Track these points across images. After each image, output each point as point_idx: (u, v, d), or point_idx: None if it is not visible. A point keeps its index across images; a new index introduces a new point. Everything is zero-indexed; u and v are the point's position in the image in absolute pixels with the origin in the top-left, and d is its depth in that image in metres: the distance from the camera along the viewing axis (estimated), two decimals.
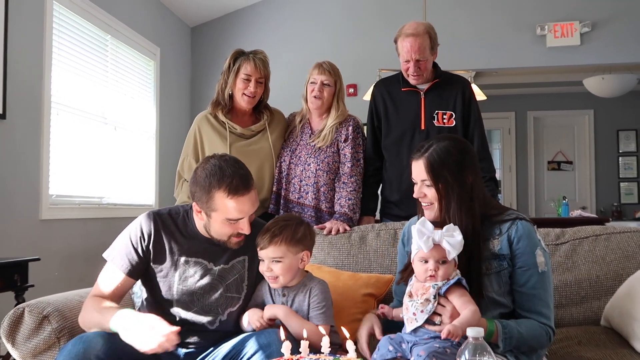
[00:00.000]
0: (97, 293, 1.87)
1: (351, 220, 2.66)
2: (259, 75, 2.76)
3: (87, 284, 2.68)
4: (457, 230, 1.60)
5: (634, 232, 2.42)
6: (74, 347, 1.65)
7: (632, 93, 7.50)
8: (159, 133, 5.31)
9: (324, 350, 1.34)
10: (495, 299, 1.72)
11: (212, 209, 1.81)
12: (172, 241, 1.90)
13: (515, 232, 1.74)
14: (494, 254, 1.73)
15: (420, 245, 1.59)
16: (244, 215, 1.82)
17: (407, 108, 2.84)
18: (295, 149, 2.83)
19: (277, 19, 5.99)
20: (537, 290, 1.72)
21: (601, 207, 8.43)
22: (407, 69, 2.77)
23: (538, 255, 1.73)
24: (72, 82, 4.01)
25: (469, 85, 2.89)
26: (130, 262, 1.87)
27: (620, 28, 5.51)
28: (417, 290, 1.63)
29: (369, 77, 5.00)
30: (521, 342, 1.65)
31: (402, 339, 1.66)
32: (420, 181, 1.77)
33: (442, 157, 1.73)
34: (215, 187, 1.78)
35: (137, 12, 5.03)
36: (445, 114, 2.80)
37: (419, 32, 2.71)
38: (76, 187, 4.07)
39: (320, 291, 1.88)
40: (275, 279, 1.86)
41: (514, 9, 5.66)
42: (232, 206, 1.78)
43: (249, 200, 1.81)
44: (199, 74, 6.08)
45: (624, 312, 2.05)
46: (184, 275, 1.89)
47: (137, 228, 1.90)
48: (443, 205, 1.73)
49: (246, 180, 1.82)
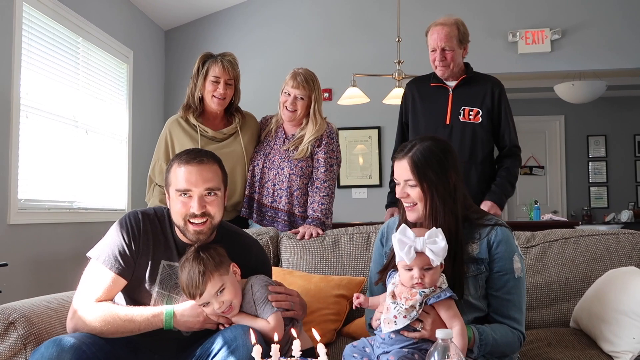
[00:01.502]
0: (93, 298, 1.79)
1: (324, 224, 2.66)
2: (228, 76, 2.75)
3: (56, 289, 2.63)
4: (440, 235, 1.56)
5: (602, 235, 2.47)
6: (47, 350, 1.62)
7: (601, 99, 7.64)
8: (132, 137, 5.24)
9: (295, 354, 1.33)
10: (472, 303, 1.73)
11: (168, 184, 1.84)
12: (155, 244, 1.88)
13: (495, 237, 1.75)
14: (472, 258, 1.74)
15: (402, 257, 1.56)
16: (191, 187, 1.79)
17: (434, 103, 2.89)
18: (269, 152, 2.82)
19: (252, 23, 5.98)
20: (512, 295, 1.74)
21: (572, 211, 8.57)
22: (434, 59, 2.83)
23: (515, 261, 1.74)
24: (42, 84, 3.94)
25: (500, 84, 2.93)
26: (123, 262, 1.83)
27: (589, 36, 5.61)
28: (401, 293, 1.59)
29: (344, 81, 5.01)
30: (495, 348, 1.66)
31: (365, 344, 1.65)
32: (403, 181, 1.76)
33: (426, 157, 1.73)
34: (175, 161, 1.85)
35: (110, 14, 4.97)
36: (472, 110, 2.83)
37: (447, 22, 2.81)
38: (46, 192, 4.00)
39: (260, 286, 1.83)
40: (229, 309, 1.78)
41: (486, 15, 5.73)
42: (180, 175, 1.80)
43: (198, 171, 1.80)
44: (173, 77, 6.03)
45: (592, 313, 2.08)
46: (164, 280, 1.87)
47: (125, 228, 1.86)
48: (427, 205, 1.72)
49: (203, 155, 1.84)
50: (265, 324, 1.76)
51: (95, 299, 1.79)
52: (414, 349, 1.56)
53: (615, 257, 2.37)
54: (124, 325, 1.76)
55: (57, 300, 2.04)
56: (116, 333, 1.77)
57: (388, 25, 5.27)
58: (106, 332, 1.77)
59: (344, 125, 5.75)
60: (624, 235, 2.44)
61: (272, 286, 1.86)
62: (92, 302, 1.79)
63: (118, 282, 1.83)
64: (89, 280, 1.83)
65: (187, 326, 1.80)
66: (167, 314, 1.78)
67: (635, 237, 2.42)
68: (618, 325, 1.92)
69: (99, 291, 1.80)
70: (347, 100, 4.87)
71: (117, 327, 1.76)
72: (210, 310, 1.78)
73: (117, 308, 1.79)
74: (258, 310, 1.81)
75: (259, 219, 2.80)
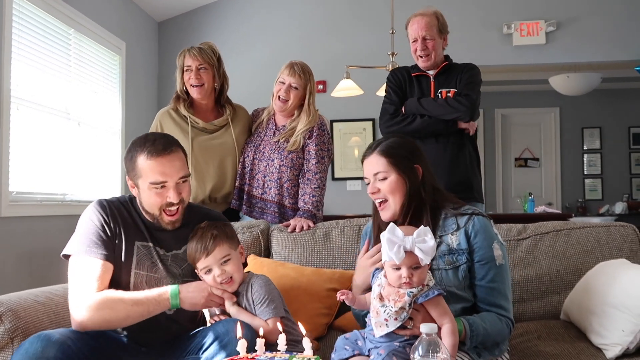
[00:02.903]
0: (91, 290, 1.77)
1: (315, 216, 2.65)
2: (198, 62, 2.76)
3: (48, 282, 2.62)
4: (429, 234, 1.55)
5: (593, 227, 2.46)
6: (32, 346, 1.60)
7: (596, 91, 7.64)
8: (125, 129, 5.22)
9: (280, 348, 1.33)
10: (457, 294, 1.73)
11: (137, 176, 1.81)
12: (126, 227, 1.87)
13: (472, 227, 1.77)
14: (452, 249, 1.75)
15: (391, 256, 1.54)
16: (166, 179, 1.79)
17: (418, 90, 2.95)
18: (259, 144, 2.81)
19: (246, 14, 5.95)
20: (496, 283, 1.75)
21: (566, 203, 8.58)
22: (415, 49, 2.90)
23: (495, 248, 1.76)
24: (34, 76, 3.91)
25: (474, 65, 2.99)
26: (105, 247, 1.81)
27: (584, 27, 5.60)
28: (389, 295, 1.58)
29: (338, 73, 4.99)
30: (486, 338, 1.67)
31: (357, 337, 1.65)
32: (372, 176, 1.79)
33: (394, 148, 1.79)
34: (138, 152, 1.80)
35: (102, 5, 4.93)
36: (449, 92, 2.90)
37: (426, 13, 2.89)
38: (38, 184, 3.98)
39: (259, 286, 1.86)
40: (230, 281, 1.83)
41: (481, 7, 5.72)
42: (152, 168, 1.78)
43: (170, 162, 1.80)
44: (166, 69, 5.99)
45: (582, 306, 2.08)
46: (140, 260, 1.86)
47: (95, 215, 1.85)
48: (398, 197, 1.75)
49: (168, 144, 1.82)
50: (262, 324, 1.77)
51: (93, 291, 1.77)
52: (405, 343, 1.56)
53: (606, 250, 2.36)
54: (132, 309, 1.75)
55: (45, 293, 2.02)
56: (127, 319, 1.76)
57: (382, 17, 5.24)
58: (115, 320, 1.75)
59: (338, 117, 5.74)
60: (615, 228, 2.44)
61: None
62: (92, 294, 1.76)
63: (107, 267, 1.81)
64: (79, 275, 1.80)
65: (192, 302, 1.79)
66: (173, 291, 1.78)
67: (626, 229, 2.42)
68: (607, 317, 1.92)
69: (94, 282, 1.78)
70: (341, 92, 4.86)
71: (127, 313, 1.74)
72: (210, 278, 1.80)
73: (120, 293, 1.77)
74: (256, 310, 1.83)
75: (249, 210, 2.80)
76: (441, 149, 2.89)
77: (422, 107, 2.85)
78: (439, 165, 2.85)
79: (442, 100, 2.85)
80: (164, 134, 1.90)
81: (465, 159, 2.91)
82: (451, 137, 2.89)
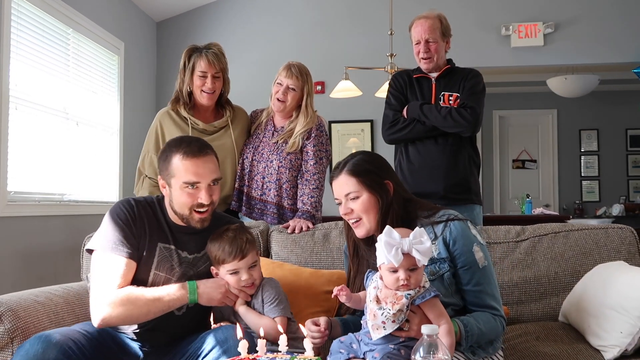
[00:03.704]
0: (114, 286, 1.79)
1: (314, 217, 2.65)
2: (215, 70, 2.72)
3: (46, 282, 2.62)
4: (425, 235, 1.55)
5: (592, 229, 2.47)
6: (32, 347, 1.61)
7: (594, 93, 7.65)
8: (123, 129, 5.21)
9: (282, 349, 1.33)
10: (444, 301, 1.72)
11: (171, 175, 1.84)
12: (150, 227, 1.90)
13: (450, 234, 1.76)
14: (433, 259, 1.74)
15: (389, 259, 1.53)
16: (199, 179, 1.83)
17: (419, 92, 2.95)
18: (258, 145, 2.81)
19: (244, 14, 5.95)
20: (483, 285, 1.75)
21: (564, 205, 8.59)
22: (418, 52, 2.90)
23: (476, 251, 1.75)
24: (32, 76, 3.90)
25: (478, 72, 2.99)
26: (130, 245, 1.84)
27: (582, 30, 5.62)
28: (386, 297, 1.57)
29: (337, 74, 4.99)
30: (481, 337, 1.68)
31: (352, 340, 1.65)
32: (344, 197, 1.80)
33: (363, 166, 1.79)
34: (173, 152, 1.84)
35: (100, 5, 4.93)
36: (451, 95, 2.89)
37: (430, 15, 2.89)
38: (36, 184, 3.97)
39: (270, 287, 1.93)
40: (252, 285, 1.90)
41: (479, 9, 5.73)
42: (187, 168, 1.81)
43: (204, 163, 1.84)
44: (165, 69, 5.99)
45: (581, 308, 2.09)
46: (161, 262, 1.89)
47: (123, 212, 1.88)
48: (372, 215, 1.76)
49: (203, 147, 1.87)
50: (270, 322, 1.82)
51: (116, 287, 1.79)
52: (400, 346, 1.56)
53: (604, 252, 2.37)
54: (153, 305, 1.78)
55: (45, 294, 2.03)
56: (148, 314, 1.79)
57: (381, 18, 5.25)
58: (137, 316, 1.78)
59: (337, 118, 5.74)
60: (613, 230, 2.44)
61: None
62: (114, 290, 1.79)
63: (130, 265, 1.84)
64: (102, 270, 1.83)
65: (209, 297, 1.84)
66: (191, 286, 1.83)
67: (624, 231, 2.43)
68: (606, 319, 1.92)
69: (117, 278, 1.80)
70: (339, 93, 4.86)
71: (148, 308, 1.78)
72: (235, 279, 1.86)
73: (141, 290, 1.80)
74: (265, 308, 1.88)
75: (248, 211, 2.80)
76: (440, 150, 2.88)
77: (424, 115, 2.84)
78: (437, 166, 2.85)
79: (446, 112, 2.80)
80: (198, 137, 1.96)
81: (464, 161, 2.91)
82: (450, 139, 2.88)
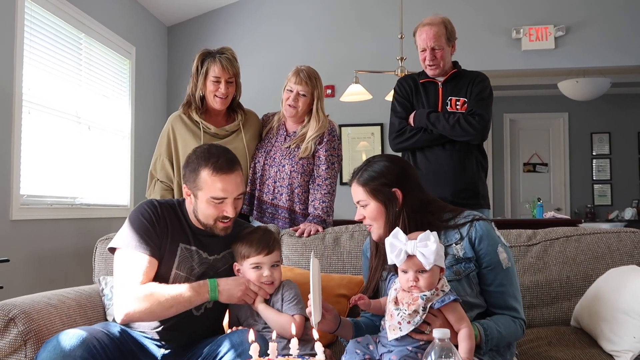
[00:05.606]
0: (137, 283, 1.83)
1: (325, 222, 2.65)
2: (228, 75, 2.73)
3: (58, 285, 2.64)
4: (433, 238, 1.55)
5: (604, 233, 2.45)
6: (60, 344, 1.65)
7: (605, 96, 7.61)
8: (134, 133, 5.24)
9: (293, 352, 1.34)
10: (471, 302, 1.74)
11: (198, 188, 1.88)
12: (173, 228, 1.95)
13: (475, 234, 1.77)
14: (459, 259, 1.75)
15: (392, 259, 1.57)
16: (226, 195, 1.87)
17: (425, 97, 2.93)
18: (270, 150, 2.82)
19: (254, 19, 5.97)
20: (505, 287, 1.76)
21: (575, 209, 8.53)
22: (424, 59, 2.88)
23: (500, 252, 1.77)
24: (45, 80, 3.94)
25: (485, 76, 2.96)
26: (152, 244, 1.89)
27: (593, 33, 5.59)
28: (403, 299, 1.59)
29: (346, 78, 5.00)
30: (500, 340, 1.68)
31: (369, 341, 1.66)
32: (357, 203, 1.84)
33: (372, 175, 1.80)
34: (202, 166, 1.88)
35: (112, 10, 4.97)
36: (458, 100, 2.87)
37: (434, 22, 2.85)
38: (48, 187, 4.01)
39: (290, 287, 1.99)
40: (271, 284, 1.94)
41: (489, 12, 5.72)
42: (215, 184, 1.86)
43: (232, 180, 1.88)
44: (175, 73, 6.03)
45: (593, 312, 2.08)
46: (182, 262, 1.93)
47: (147, 212, 1.93)
48: (381, 222, 1.79)
49: (231, 162, 1.91)
50: (289, 319, 1.86)
51: (139, 284, 1.83)
52: (418, 349, 1.57)
53: (616, 256, 2.35)
54: (175, 300, 1.81)
55: (57, 296, 2.04)
56: (171, 310, 1.82)
57: (391, 22, 5.25)
58: (160, 311, 1.81)
59: (347, 122, 5.74)
60: (626, 234, 2.43)
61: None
62: (138, 286, 1.83)
63: (153, 263, 1.88)
64: (125, 267, 1.87)
65: (229, 294, 1.88)
66: (212, 283, 1.87)
67: (637, 235, 2.41)
68: (618, 324, 1.91)
69: (140, 275, 1.84)
70: (349, 97, 4.86)
71: (170, 304, 1.81)
72: (256, 275, 1.91)
73: (164, 286, 1.84)
74: (285, 306, 1.93)
75: (259, 215, 2.80)
76: (447, 155, 2.86)
77: (432, 124, 2.82)
78: (445, 171, 2.84)
79: (454, 120, 2.79)
80: (225, 148, 1.97)
81: (472, 165, 2.89)
82: (457, 144, 2.86)
